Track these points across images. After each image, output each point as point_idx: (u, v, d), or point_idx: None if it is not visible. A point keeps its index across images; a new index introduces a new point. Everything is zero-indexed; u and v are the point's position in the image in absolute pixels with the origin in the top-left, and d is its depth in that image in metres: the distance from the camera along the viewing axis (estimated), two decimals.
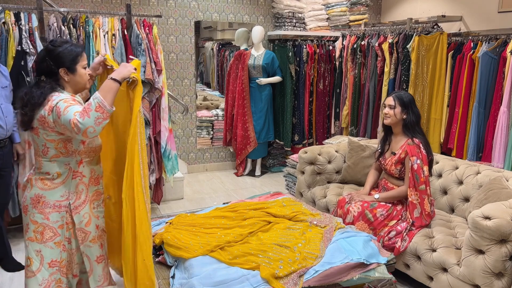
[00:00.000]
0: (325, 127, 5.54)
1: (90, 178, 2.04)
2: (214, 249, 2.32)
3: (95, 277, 2.07)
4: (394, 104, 2.87)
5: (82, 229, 2.01)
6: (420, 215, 2.76)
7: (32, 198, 1.94)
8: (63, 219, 1.97)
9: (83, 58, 1.98)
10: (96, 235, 2.07)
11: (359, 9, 5.44)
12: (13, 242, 3.44)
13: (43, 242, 1.95)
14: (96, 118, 1.77)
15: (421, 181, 2.74)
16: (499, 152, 3.61)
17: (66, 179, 1.96)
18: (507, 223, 2.22)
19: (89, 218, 2.03)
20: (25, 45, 3.16)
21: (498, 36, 3.81)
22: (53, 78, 1.94)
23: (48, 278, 1.97)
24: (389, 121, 2.92)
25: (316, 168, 3.61)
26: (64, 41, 1.99)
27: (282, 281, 2.13)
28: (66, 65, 1.93)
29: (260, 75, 5.12)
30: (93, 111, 1.77)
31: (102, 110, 1.78)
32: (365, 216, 2.83)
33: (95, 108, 1.77)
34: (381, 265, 2.36)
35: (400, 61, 4.22)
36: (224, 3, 5.28)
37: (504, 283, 2.28)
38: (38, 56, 2.01)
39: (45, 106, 1.85)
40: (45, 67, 1.93)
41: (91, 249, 2.05)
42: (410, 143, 2.82)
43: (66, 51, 1.92)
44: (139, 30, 3.60)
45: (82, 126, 1.75)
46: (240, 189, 4.88)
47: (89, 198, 2.04)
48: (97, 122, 1.77)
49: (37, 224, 1.94)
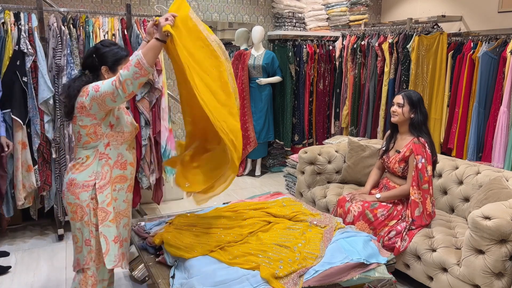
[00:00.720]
0: (325, 127, 5.54)
1: (115, 162, 2.14)
2: (214, 249, 2.32)
3: (111, 257, 2.13)
4: (403, 102, 2.87)
5: (103, 209, 2.10)
6: (421, 214, 2.76)
7: (67, 182, 2.11)
8: (89, 198, 2.09)
9: (125, 61, 2.12)
10: (113, 216, 2.15)
11: (359, 9, 5.44)
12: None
13: (79, 220, 2.10)
14: (135, 72, 1.91)
15: (424, 180, 2.75)
16: (499, 152, 3.61)
17: (94, 161, 2.10)
18: (507, 223, 2.22)
19: (110, 199, 2.12)
20: (23, 45, 3.16)
21: (498, 36, 3.81)
22: (95, 74, 2.11)
23: (87, 256, 2.13)
24: (397, 119, 2.92)
25: (316, 168, 3.61)
26: (113, 43, 2.18)
27: (282, 281, 2.13)
28: (108, 64, 2.10)
29: (260, 75, 5.12)
30: (132, 66, 1.91)
31: (141, 66, 1.91)
32: (365, 216, 2.83)
33: (135, 63, 1.91)
34: (381, 265, 2.35)
35: (400, 61, 4.22)
36: (224, 3, 5.28)
37: (504, 283, 2.28)
38: (87, 51, 2.18)
39: (82, 93, 2.02)
40: (90, 62, 2.11)
41: (109, 229, 2.12)
42: (416, 141, 2.82)
43: (112, 52, 2.11)
44: (139, 30, 3.60)
45: (121, 78, 1.91)
46: (240, 189, 4.88)
47: (112, 180, 2.14)
48: (134, 76, 1.92)
49: (71, 205, 2.10)
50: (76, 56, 3.34)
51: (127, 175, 2.21)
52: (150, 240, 2.46)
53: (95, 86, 1.99)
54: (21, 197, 3.26)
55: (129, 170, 2.22)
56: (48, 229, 3.73)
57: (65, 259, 3.22)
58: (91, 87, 2.00)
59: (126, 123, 2.18)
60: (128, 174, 2.21)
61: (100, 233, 2.09)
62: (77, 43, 3.37)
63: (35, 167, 3.31)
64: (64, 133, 3.35)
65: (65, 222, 3.57)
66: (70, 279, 2.95)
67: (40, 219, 3.76)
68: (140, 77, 1.94)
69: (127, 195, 2.24)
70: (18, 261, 3.18)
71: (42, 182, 3.37)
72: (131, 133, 2.21)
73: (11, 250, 3.27)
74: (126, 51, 2.17)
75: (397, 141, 3.00)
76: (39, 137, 3.30)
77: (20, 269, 3.08)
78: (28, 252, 3.31)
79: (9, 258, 3.20)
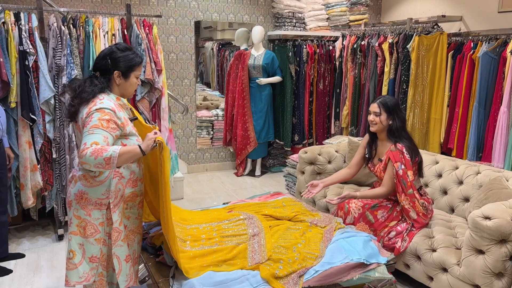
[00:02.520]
0: (325, 127, 5.54)
1: (128, 180, 2.08)
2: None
3: (123, 277, 2.11)
4: (380, 111, 2.82)
5: (116, 229, 2.06)
6: (417, 216, 2.76)
7: (76, 194, 2.01)
8: (103, 217, 2.03)
9: (139, 68, 2.10)
10: (125, 235, 2.11)
11: (359, 9, 5.44)
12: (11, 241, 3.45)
13: (85, 237, 2.02)
14: (99, 163, 1.84)
15: (408, 186, 2.74)
16: (499, 152, 3.61)
17: (107, 178, 2.02)
18: (507, 223, 2.22)
19: (121, 218, 2.09)
20: (25, 45, 3.16)
21: (498, 36, 3.81)
22: (106, 77, 2.04)
23: (89, 272, 2.04)
24: (376, 129, 2.87)
25: (316, 168, 3.61)
26: (129, 47, 2.11)
27: (282, 281, 2.13)
28: (121, 69, 2.04)
29: (260, 75, 5.12)
30: (102, 157, 1.83)
31: (109, 163, 1.85)
32: (365, 218, 2.83)
33: (106, 157, 1.84)
34: (381, 265, 2.35)
35: (400, 61, 4.22)
36: (224, 3, 5.28)
37: (504, 283, 2.27)
38: (100, 53, 2.10)
39: (89, 105, 1.95)
40: (103, 65, 2.04)
41: (121, 249, 2.09)
42: (392, 149, 2.79)
43: (127, 57, 2.05)
44: (139, 30, 3.60)
45: (84, 159, 1.84)
46: (240, 189, 4.88)
47: (124, 199, 2.09)
48: (97, 165, 1.85)
49: (80, 219, 2.02)
50: (76, 56, 3.34)
51: (137, 191, 2.16)
52: (150, 240, 2.46)
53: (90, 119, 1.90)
54: (31, 196, 3.28)
55: (139, 186, 2.16)
56: (48, 229, 3.73)
57: (65, 259, 3.22)
58: (92, 114, 1.91)
59: (137, 141, 2.09)
60: (138, 191, 2.17)
61: (113, 254, 2.06)
62: (77, 43, 3.38)
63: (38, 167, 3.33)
64: (64, 133, 3.35)
65: (65, 222, 3.57)
66: None
67: (41, 219, 3.76)
68: (101, 169, 1.88)
69: (138, 212, 2.22)
70: (18, 261, 3.18)
71: (44, 182, 3.38)
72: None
73: (11, 250, 3.27)
74: (141, 58, 2.13)
75: (378, 147, 2.97)
76: (42, 137, 3.31)
77: (20, 269, 3.08)
78: (28, 252, 3.31)
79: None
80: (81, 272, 2.03)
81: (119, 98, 2.09)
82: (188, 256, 2.20)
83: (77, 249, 2.03)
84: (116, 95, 2.08)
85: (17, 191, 3.32)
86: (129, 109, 2.18)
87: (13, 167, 3.21)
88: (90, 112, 1.93)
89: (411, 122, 4.22)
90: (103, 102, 1.96)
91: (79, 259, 2.03)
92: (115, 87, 2.08)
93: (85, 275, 2.04)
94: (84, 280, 2.04)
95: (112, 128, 1.95)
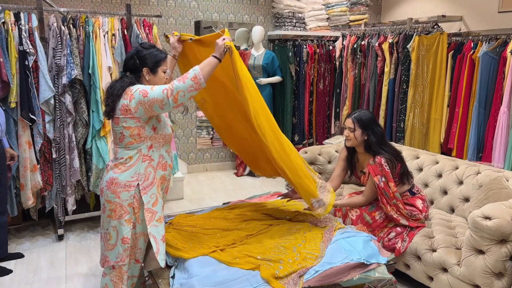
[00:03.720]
0: (325, 127, 5.54)
1: (158, 163, 2.19)
2: (215, 249, 2.32)
3: (162, 256, 2.16)
4: (354, 126, 2.80)
5: (149, 209, 2.14)
6: (408, 222, 2.76)
7: (107, 181, 2.14)
8: (131, 198, 2.12)
9: (165, 63, 2.22)
10: (161, 215, 2.20)
11: (359, 9, 5.44)
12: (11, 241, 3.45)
13: (117, 218, 2.13)
14: (189, 86, 2.02)
15: (391, 197, 2.74)
16: (499, 152, 3.61)
17: (137, 162, 2.13)
18: (507, 223, 2.22)
19: (156, 199, 2.17)
20: (25, 45, 3.16)
21: (498, 36, 3.81)
22: (136, 75, 2.17)
23: (123, 253, 2.15)
24: (350, 144, 2.87)
25: (316, 168, 3.61)
26: (152, 45, 2.23)
27: (282, 281, 2.13)
28: (149, 66, 2.16)
29: (260, 75, 5.12)
30: (188, 79, 2.02)
31: (197, 81, 2.03)
32: (363, 219, 2.83)
33: (191, 77, 2.02)
34: (381, 265, 2.35)
35: (400, 61, 4.22)
36: (224, 3, 5.28)
37: (504, 283, 2.27)
38: (128, 54, 2.25)
39: (125, 96, 2.07)
40: (131, 64, 2.17)
41: (157, 228, 2.16)
42: (371, 162, 2.78)
43: (152, 54, 2.17)
44: (139, 30, 3.60)
45: (175, 89, 2.00)
46: (240, 189, 4.88)
47: (157, 180, 2.19)
48: (189, 89, 2.02)
49: (111, 203, 2.13)
50: (76, 56, 3.33)
51: (166, 175, 2.27)
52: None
53: (143, 90, 2.04)
54: (31, 196, 3.29)
55: (168, 171, 2.28)
56: (48, 229, 3.73)
57: (65, 259, 3.22)
58: (138, 91, 2.05)
59: (167, 126, 2.25)
60: (167, 175, 2.27)
61: (149, 234, 2.13)
62: (77, 43, 3.37)
63: (38, 167, 3.33)
64: (64, 133, 3.35)
65: (65, 222, 3.57)
66: (70, 279, 2.95)
67: (40, 219, 3.76)
68: (194, 90, 2.04)
69: (165, 196, 2.31)
70: (18, 261, 3.18)
71: (44, 182, 3.38)
72: (171, 135, 2.27)
73: (11, 250, 3.27)
74: (165, 54, 2.24)
75: (359, 159, 2.96)
76: (42, 137, 3.31)
77: (20, 269, 3.08)
78: (28, 252, 3.31)
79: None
80: (117, 253, 2.15)
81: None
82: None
83: (111, 231, 2.15)
84: None
85: (17, 191, 3.32)
86: None
87: (13, 167, 3.21)
88: (132, 94, 2.05)
89: (411, 122, 4.22)
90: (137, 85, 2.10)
91: (114, 241, 2.15)
92: (146, 84, 2.17)
93: (120, 256, 2.15)
94: (120, 260, 2.15)
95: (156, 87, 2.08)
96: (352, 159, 3.00)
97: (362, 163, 2.92)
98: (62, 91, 3.30)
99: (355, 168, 3.02)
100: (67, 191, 3.42)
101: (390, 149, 2.83)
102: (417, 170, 3.34)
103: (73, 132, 3.37)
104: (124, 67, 2.23)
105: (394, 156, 2.80)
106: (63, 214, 3.48)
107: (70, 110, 3.33)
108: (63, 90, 3.30)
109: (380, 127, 2.85)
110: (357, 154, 2.97)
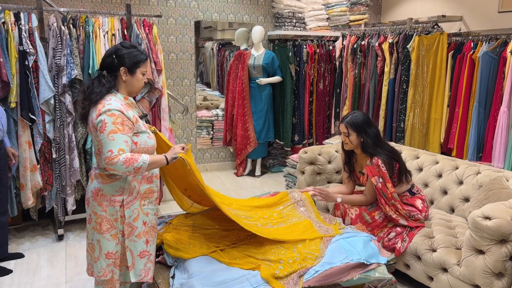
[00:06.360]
0: (325, 127, 5.54)
1: (143, 177, 2.13)
2: (215, 249, 2.32)
3: (136, 271, 2.13)
4: (348, 131, 2.81)
5: (129, 224, 2.09)
6: (407, 222, 2.76)
7: (92, 191, 2.08)
8: (117, 213, 2.07)
9: (144, 65, 2.14)
10: (142, 231, 2.13)
11: (359, 9, 5.44)
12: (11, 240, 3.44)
13: (101, 233, 2.07)
14: (129, 171, 1.95)
15: (389, 197, 2.74)
16: (499, 152, 3.61)
17: (121, 176, 2.06)
18: (507, 223, 2.22)
19: (137, 214, 2.11)
20: (25, 45, 3.16)
21: (498, 36, 3.81)
22: (113, 75, 2.08)
23: (106, 268, 2.09)
24: (348, 148, 2.90)
25: (316, 168, 3.61)
26: (133, 45, 2.16)
27: (282, 281, 2.13)
28: (127, 66, 2.07)
29: (260, 75, 5.12)
30: (132, 167, 1.94)
31: (138, 172, 1.97)
32: (362, 218, 2.83)
33: (136, 167, 1.95)
34: (381, 265, 2.36)
35: (400, 61, 4.22)
36: (224, 3, 5.28)
37: (504, 283, 2.27)
38: (106, 52, 2.15)
39: (98, 107, 1.99)
40: (109, 62, 2.08)
41: (135, 244, 2.11)
42: (368, 164, 2.79)
43: (132, 54, 2.09)
44: (139, 30, 3.60)
45: (114, 167, 1.91)
46: (240, 189, 4.88)
47: (140, 195, 2.12)
48: (125, 173, 1.96)
49: (97, 215, 2.07)
50: (76, 56, 3.34)
51: (154, 188, 2.19)
52: None
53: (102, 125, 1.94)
54: (31, 196, 3.29)
55: (155, 182, 2.20)
56: (48, 229, 3.73)
57: (65, 259, 3.22)
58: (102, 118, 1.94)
59: (148, 137, 2.13)
60: (155, 187, 2.20)
61: (126, 247, 2.09)
62: (77, 43, 3.37)
63: (38, 167, 3.33)
64: (64, 133, 3.35)
65: (65, 222, 3.57)
66: (70, 279, 2.95)
67: (40, 219, 3.76)
68: (129, 175, 2.00)
69: (156, 208, 2.23)
70: (18, 261, 3.18)
71: (44, 182, 3.38)
72: (154, 146, 2.18)
73: (11, 250, 3.27)
74: (146, 55, 2.16)
75: (358, 161, 2.97)
76: (42, 137, 3.31)
77: (20, 269, 3.07)
78: (28, 252, 3.31)
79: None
80: (99, 267, 2.10)
81: (126, 98, 2.12)
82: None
83: (95, 244, 2.10)
84: (123, 95, 2.11)
85: (17, 191, 3.32)
86: (138, 107, 2.22)
87: (13, 167, 3.21)
88: (100, 114, 1.97)
89: (411, 122, 4.22)
90: (111, 103, 1.99)
91: (97, 254, 2.10)
92: (122, 85, 2.11)
93: (102, 270, 2.10)
94: (102, 275, 2.10)
95: (129, 129, 2.01)
96: (350, 161, 3.01)
97: (361, 164, 2.93)
98: (62, 91, 3.30)
99: (355, 169, 3.02)
100: (67, 191, 3.43)
101: (386, 149, 2.83)
102: (417, 170, 3.34)
103: (73, 132, 3.37)
104: (101, 65, 2.13)
105: (391, 155, 2.80)
106: (63, 214, 3.48)
107: (70, 110, 3.33)
108: (63, 90, 3.30)
109: (374, 127, 2.85)
110: (355, 155, 2.98)
